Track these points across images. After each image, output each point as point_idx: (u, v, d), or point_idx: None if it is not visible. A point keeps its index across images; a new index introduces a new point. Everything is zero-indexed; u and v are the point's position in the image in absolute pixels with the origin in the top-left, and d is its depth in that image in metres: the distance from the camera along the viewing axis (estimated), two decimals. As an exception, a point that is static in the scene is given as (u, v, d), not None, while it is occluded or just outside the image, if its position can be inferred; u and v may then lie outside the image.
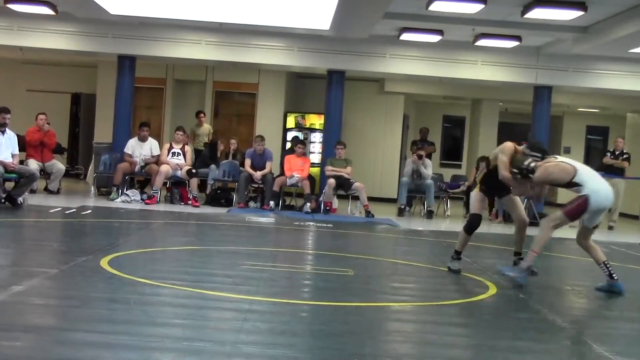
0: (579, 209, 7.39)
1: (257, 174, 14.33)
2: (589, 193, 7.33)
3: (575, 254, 11.22)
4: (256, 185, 14.78)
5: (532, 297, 6.95)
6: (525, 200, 14.63)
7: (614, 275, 7.49)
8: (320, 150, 16.66)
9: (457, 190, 16.21)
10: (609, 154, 15.72)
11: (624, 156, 15.47)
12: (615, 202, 15.22)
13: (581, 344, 5.46)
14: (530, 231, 8.69)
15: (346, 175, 14.47)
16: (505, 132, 20.93)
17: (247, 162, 14.53)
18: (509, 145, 7.87)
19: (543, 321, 6.06)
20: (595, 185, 7.44)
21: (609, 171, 15.38)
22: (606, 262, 7.57)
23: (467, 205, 15.99)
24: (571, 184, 7.42)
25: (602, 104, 19.87)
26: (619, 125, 21.17)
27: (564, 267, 10.36)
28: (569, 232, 14.20)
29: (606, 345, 5.26)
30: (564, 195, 12.06)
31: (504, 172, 7.73)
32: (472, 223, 8.10)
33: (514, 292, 7.17)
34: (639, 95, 16.71)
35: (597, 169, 17.22)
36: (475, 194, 8.14)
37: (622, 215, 17.17)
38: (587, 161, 21.64)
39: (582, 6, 11.32)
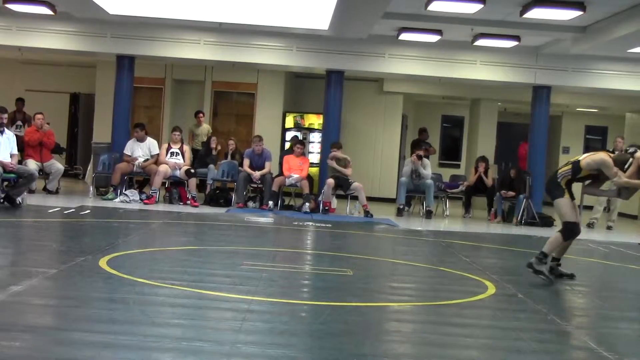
0: None
1: (256, 174, 14.33)
2: None
3: (574, 253, 11.23)
4: (255, 185, 14.78)
5: (532, 297, 6.95)
6: (524, 200, 14.66)
7: None
8: (319, 150, 16.66)
9: (456, 190, 16.21)
10: (608, 154, 15.70)
11: (623, 156, 15.44)
12: (614, 202, 15.30)
13: (581, 344, 5.46)
14: (528, 231, 8.70)
15: (346, 174, 14.49)
16: (504, 132, 20.97)
17: (246, 162, 14.53)
18: (607, 159, 7.78)
19: (542, 321, 6.05)
20: None
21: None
22: None
23: (466, 205, 16.07)
24: None
25: (600, 103, 19.88)
26: (617, 125, 21.18)
27: (563, 267, 10.32)
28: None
29: (606, 346, 5.25)
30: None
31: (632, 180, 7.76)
32: (574, 231, 7.96)
33: (513, 292, 7.17)
34: (637, 95, 16.72)
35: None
36: (567, 202, 7.88)
37: (621, 215, 17.18)
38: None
39: (581, 6, 11.33)
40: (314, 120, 18.05)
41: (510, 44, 14.21)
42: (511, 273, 8.75)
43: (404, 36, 14.24)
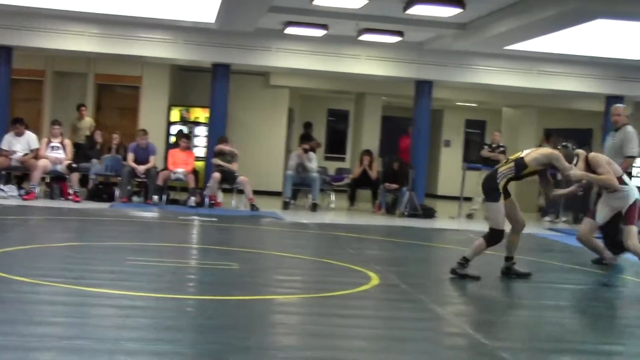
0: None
1: (141, 168, 14.10)
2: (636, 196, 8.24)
3: (454, 243, 11.58)
4: (139, 180, 14.54)
5: (414, 287, 7.12)
6: (407, 192, 14.98)
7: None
8: (205, 144, 16.54)
9: (341, 183, 16.43)
10: (486, 147, 16.23)
11: (501, 149, 16.00)
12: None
13: (461, 331, 5.64)
14: (411, 222, 8.90)
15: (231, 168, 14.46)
16: (388, 125, 21.36)
17: (130, 156, 14.27)
18: (558, 153, 7.65)
19: (424, 310, 6.23)
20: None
21: (487, 164, 15.87)
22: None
23: (351, 197, 16.29)
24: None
25: (480, 98, 20.50)
26: (495, 119, 21.93)
27: (444, 257, 10.63)
28: (452, 223, 14.65)
29: (483, 332, 5.45)
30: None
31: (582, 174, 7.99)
32: (499, 239, 7.68)
33: (396, 283, 7.33)
34: (514, 90, 17.35)
35: (475, 162, 17.91)
36: (500, 207, 7.56)
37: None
38: (466, 154, 22.42)
39: (460, 3, 11.64)
40: (200, 114, 17.89)
41: (394, 39, 14.47)
42: (394, 264, 8.95)
43: (290, 30, 14.30)
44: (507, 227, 7.79)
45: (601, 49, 14.21)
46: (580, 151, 8.21)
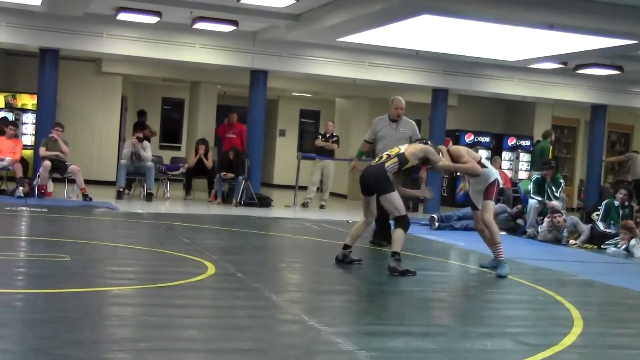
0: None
1: (-37, 157, 13.40)
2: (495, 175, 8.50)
3: (290, 232, 11.79)
4: (-39, 169, 13.82)
5: (250, 276, 7.19)
6: (243, 181, 15.05)
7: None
8: (34, 132, 15.90)
9: (176, 173, 16.27)
10: (320, 137, 16.56)
11: (334, 139, 16.38)
12: (326, 182, 16.21)
13: (295, 317, 5.76)
14: (247, 212, 8.96)
15: (62, 156, 13.97)
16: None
17: (-49, 144, 13.53)
18: (430, 147, 8.20)
19: (260, 298, 6.32)
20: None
21: (320, 153, 16.27)
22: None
23: (187, 187, 16.17)
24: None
25: (314, 89, 20.86)
26: (329, 110, 22.39)
27: (280, 246, 10.81)
28: (288, 212, 14.86)
29: (317, 318, 5.61)
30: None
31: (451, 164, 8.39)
32: (409, 221, 8.07)
33: (232, 272, 7.39)
34: (346, 81, 17.79)
35: (309, 151, 18.24)
36: (397, 195, 7.94)
37: (332, 194, 18.22)
38: (301, 144, 22.76)
39: (293, -6, 11.81)
40: (28, 101, 17.17)
41: (228, 28, 14.44)
42: (230, 253, 9.01)
43: (122, 16, 13.98)
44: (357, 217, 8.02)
45: (427, 44, 14.81)
46: (441, 147, 8.67)
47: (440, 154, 8.34)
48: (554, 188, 13.20)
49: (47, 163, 13.73)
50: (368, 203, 8.25)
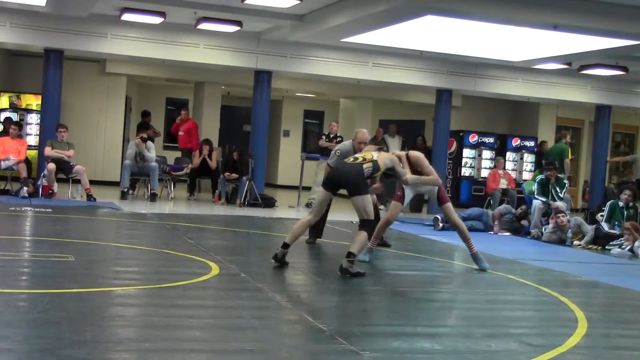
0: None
1: (-33, 158, 13.42)
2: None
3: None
4: (-34, 170, 13.84)
5: (254, 276, 7.19)
6: (247, 182, 15.05)
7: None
8: (38, 132, 15.93)
9: (180, 173, 16.27)
10: (324, 137, 16.53)
11: (338, 139, 16.32)
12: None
13: (299, 318, 5.76)
14: (251, 212, 8.94)
15: (67, 158, 13.99)
16: (228, 115, 21.36)
17: (-45, 144, 13.56)
18: (396, 158, 8.31)
19: (263, 299, 6.31)
20: None
21: (324, 153, 16.21)
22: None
23: (191, 187, 16.17)
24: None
25: (318, 89, 20.86)
26: (333, 110, 22.38)
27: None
28: (292, 212, 14.85)
29: (321, 318, 5.60)
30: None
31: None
32: (374, 226, 8.22)
33: (236, 272, 7.39)
34: (350, 81, 17.78)
35: (313, 152, 18.21)
36: (370, 199, 7.96)
37: (338, 195, 18.15)
38: (305, 144, 22.76)
39: (298, -5, 11.82)
40: (32, 101, 17.19)
41: (232, 28, 14.45)
42: (234, 253, 9.02)
43: (127, 17, 13.99)
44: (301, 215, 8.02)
45: (432, 45, 14.80)
46: (400, 153, 8.66)
47: (400, 160, 8.36)
48: (558, 189, 13.19)
49: (52, 166, 13.73)
50: (326, 202, 8.19)
